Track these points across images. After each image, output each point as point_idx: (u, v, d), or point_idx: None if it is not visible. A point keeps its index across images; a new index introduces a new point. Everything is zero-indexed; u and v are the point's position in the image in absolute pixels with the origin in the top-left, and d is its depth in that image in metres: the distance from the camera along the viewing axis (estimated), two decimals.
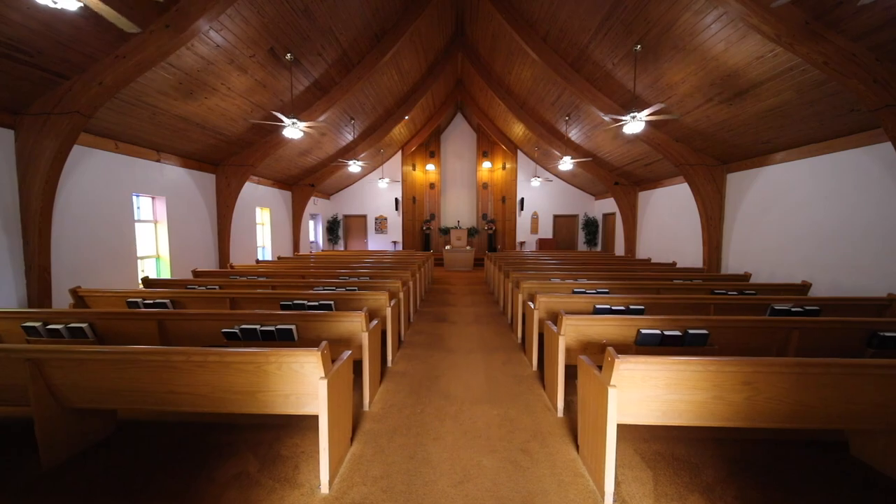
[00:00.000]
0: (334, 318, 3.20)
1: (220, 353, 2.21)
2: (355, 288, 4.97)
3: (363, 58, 7.52)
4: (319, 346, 2.17)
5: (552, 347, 3.30)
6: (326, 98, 7.74)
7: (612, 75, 6.76)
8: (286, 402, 2.28)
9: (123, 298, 4.34)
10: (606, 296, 4.31)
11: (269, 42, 5.60)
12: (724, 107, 5.83)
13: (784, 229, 6.18)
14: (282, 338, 3.17)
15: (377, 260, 9.05)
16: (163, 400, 2.35)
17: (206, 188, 7.95)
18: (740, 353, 3.14)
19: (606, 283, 5.14)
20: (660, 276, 6.04)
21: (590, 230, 14.29)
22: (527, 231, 15.27)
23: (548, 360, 3.46)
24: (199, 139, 6.84)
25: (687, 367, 2.08)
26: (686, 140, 7.27)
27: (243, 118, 6.81)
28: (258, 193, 9.97)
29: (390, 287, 5.17)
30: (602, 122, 8.28)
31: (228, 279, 5.86)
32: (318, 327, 3.24)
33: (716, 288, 4.84)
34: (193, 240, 7.58)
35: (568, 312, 3.22)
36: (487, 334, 5.45)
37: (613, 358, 2.09)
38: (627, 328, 3.12)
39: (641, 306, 3.89)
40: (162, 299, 4.32)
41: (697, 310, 4.13)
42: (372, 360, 3.31)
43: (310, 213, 13.37)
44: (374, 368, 3.44)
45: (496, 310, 7.09)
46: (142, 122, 5.68)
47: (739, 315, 4.04)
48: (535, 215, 15.16)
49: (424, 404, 3.26)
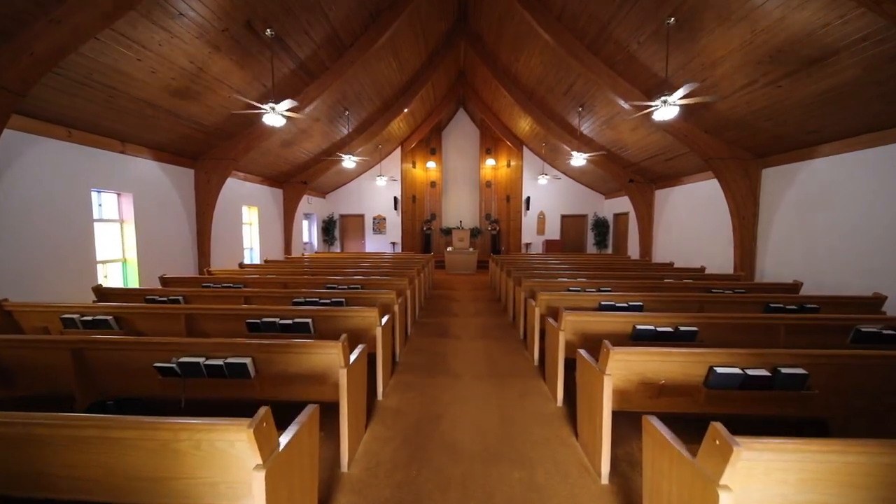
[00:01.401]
0: (307, 350, 2.43)
1: (103, 422, 1.44)
2: (342, 300, 4.20)
3: (357, 39, 6.75)
4: (255, 418, 1.40)
5: (591, 386, 2.52)
6: (316, 84, 6.96)
7: (635, 57, 5.98)
8: (214, 492, 1.51)
9: (59, 314, 3.57)
10: (644, 314, 3.53)
11: (245, 14, 4.84)
12: (768, 90, 5.05)
13: (835, 232, 5.39)
14: (233, 374, 2.40)
15: (373, 264, 8.27)
16: (35, 484, 1.58)
17: (183, 184, 7.18)
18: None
19: (638, 295, 4.36)
20: (697, 285, 5.26)
21: (600, 231, 13.50)
22: (533, 232, 14.45)
23: (584, 400, 2.69)
24: (170, 128, 6.06)
25: (828, 455, 1.31)
26: (717, 131, 6.49)
27: (221, 105, 6.04)
28: (244, 191, 9.20)
29: (384, 299, 4.40)
30: (620, 111, 7.51)
31: (200, 288, 5.10)
32: (285, 360, 2.46)
33: (772, 301, 4.06)
34: (167, 242, 6.81)
35: (598, 335, 2.45)
36: (497, 353, 4.67)
37: (732, 448, 1.31)
38: (694, 365, 2.35)
39: (693, 327, 3.11)
40: (104, 315, 3.55)
41: (770, 335, 3.34)
42: (353, 404, 2.53)
43: (303, 213, 12.59)
44: (357, 414, 2.66)
45: (504, 320, 6.31)
46: (98, 107, 4.90)
47: (826, 343, 3.26)
48: (542, 215, 14.36)
49: (421, 462, 2.48)
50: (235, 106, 6.00)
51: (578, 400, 2.78)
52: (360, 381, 2.74)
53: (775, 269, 6.43)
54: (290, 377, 2.46)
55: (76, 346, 2.51)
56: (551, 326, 3.62)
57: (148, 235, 6.37)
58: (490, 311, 7.05)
